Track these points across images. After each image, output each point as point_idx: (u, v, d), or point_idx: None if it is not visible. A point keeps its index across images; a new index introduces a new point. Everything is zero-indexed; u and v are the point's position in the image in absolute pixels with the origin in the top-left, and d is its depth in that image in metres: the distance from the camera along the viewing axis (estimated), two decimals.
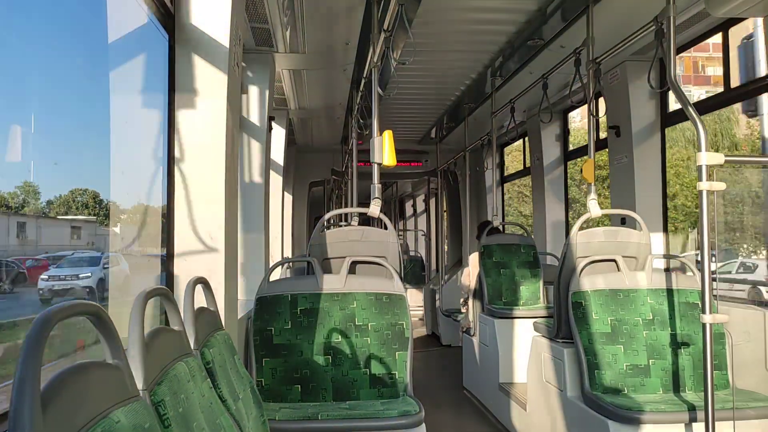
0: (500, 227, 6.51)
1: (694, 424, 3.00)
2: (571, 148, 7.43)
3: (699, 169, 2.72)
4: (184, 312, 1.94)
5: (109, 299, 3.75)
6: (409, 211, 18.00)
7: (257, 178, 4.87)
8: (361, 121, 5.88)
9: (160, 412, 1.36)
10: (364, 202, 4.13)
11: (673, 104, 5.18)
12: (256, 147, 4.92)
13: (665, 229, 5.23)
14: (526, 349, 4.56)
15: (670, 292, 3.63)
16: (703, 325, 2.76)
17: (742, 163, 4.13)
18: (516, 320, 5.22)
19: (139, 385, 1.30)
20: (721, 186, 2.77)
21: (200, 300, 2.34)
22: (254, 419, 2.27)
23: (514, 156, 11.31)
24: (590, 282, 3.62)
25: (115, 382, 1.18)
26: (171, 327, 1.78)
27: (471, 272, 6.24)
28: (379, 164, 3.78)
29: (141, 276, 3.70)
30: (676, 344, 3.50)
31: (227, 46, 2.83)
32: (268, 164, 5.12)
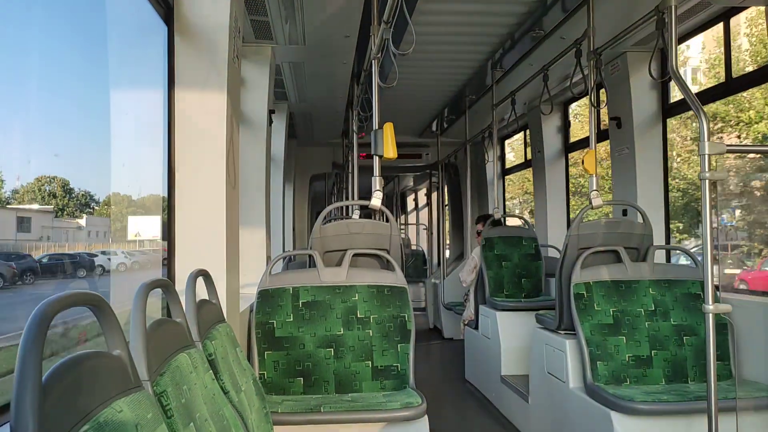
0: (500, 219, 6.49)
1: (696, 414, 3.00)
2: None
3: (701, 158, 2.71)
4: (186, 304, 1.94)
5: None
6: (410, 205, 18.00)
7: (258, 171, 4.87)
8: (361, 113, 5.86)
9: (162, 403, 1.36)
10: (365, 195, 4.13)
11: (675, 95, 5.16)
12: (256, 140, 4.91)
13: (667, 220, 5.22)
14: (527, 341, 4.56)
15: (672, 282, 3.63)
16: (706, 316, 2.76)
17: (744, 152, 4.12)
18: (518, 312, 5.22)
19: (142, 375, 1.30)
20: (723, 175, 2.76)
21: (202, 292, 2.34)
22: (257, 411, 2.27)
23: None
24: (592, 273, 3.61)
25: (117, 372, 1.17)
26: (173, 319, 1.78)
27: (478, 264, 6.22)
28: (380, 157, 3.77)
29: None
30: (679, 335, 3.49)
31: (226, 38, 2.82)
32: (268, 157, 5.11)
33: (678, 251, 6.37)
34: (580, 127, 10.19)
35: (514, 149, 11.67)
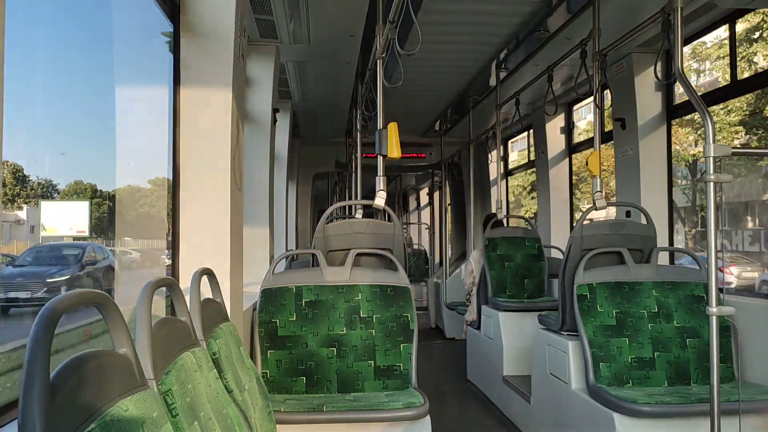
0: (503, 220, 6.49)
1: (699, 417, 2.99)
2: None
3: (707, 160, 2.71)
4: (191, 303, 1.94)
5: None
6: (412, 204, 17.98)
7: (262, 170, 4.87)
8: (365, 113, 5.86)
9: (167, 402, 1.36)
10: (368, 195, 4.13)
11: (680, 96, 5.15)
12: (260, 139, 4.92)
13: (670, 222, 5.22)
14: (530, 341, 4.56)
15: (675, 284, 3.62)
16: (709, 318, 2.75)
17: (749, 155, 4.11)
18: (520, 313, 5.22)
19: (147, 374, 1.30)
20: (728, 178, 2.75)
21: (206, 291, 2.34)
22: (260, 410, 2.27)
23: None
24: (595, 274, 3.61)
25: (124, 371, 1.18)
26: (178, 317, 1.78)
27: (474, 269, 6.21)
28: (384, 156, 3.77)
29: None
30: (682, 337, 3.49)
31: (232, 36, 2.82)
32: (272, 156, 5.12)
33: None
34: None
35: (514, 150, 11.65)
